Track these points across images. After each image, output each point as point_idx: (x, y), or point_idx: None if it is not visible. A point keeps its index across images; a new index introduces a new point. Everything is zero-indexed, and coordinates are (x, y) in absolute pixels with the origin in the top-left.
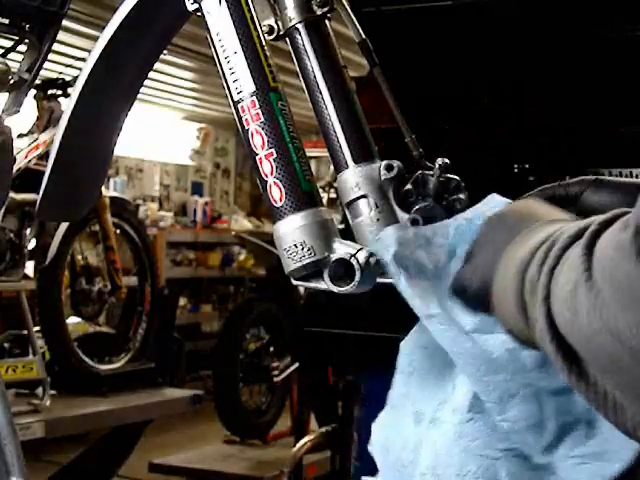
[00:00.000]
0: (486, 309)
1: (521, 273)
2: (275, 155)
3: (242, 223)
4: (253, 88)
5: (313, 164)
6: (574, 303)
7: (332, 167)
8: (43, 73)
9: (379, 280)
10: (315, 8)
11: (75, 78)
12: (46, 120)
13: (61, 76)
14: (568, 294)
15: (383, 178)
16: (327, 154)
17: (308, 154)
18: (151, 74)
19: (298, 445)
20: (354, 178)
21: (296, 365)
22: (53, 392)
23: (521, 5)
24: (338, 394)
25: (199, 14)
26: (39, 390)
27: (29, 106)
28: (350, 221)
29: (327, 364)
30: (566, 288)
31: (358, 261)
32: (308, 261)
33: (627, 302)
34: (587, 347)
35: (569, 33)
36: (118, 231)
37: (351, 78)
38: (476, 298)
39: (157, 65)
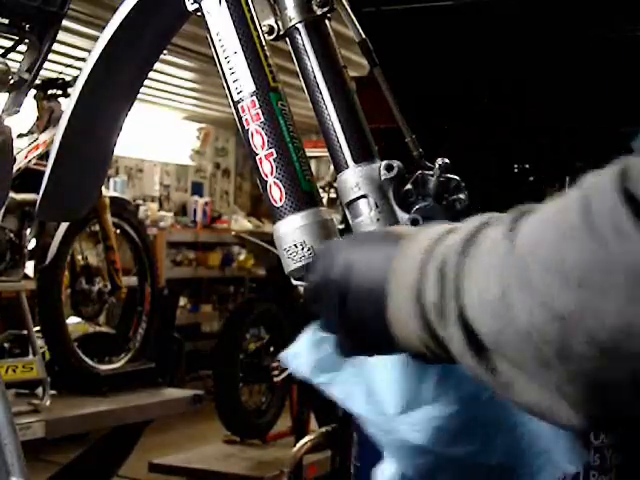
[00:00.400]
0: (382, 335)
1: (416, 294)
2: (275, 155)
3: (242, 223)
4: (253, 88)
5: (313, 164)
6: (505, 306)
7: (332, 167)
8: (43, 73)
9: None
10: (315, 8)
11: (75, 78)
12: (46, 120)
13: (61, 76)
14: (495, 299)
15: (383, 178)
16: (327, 154)
17: (308, 154)
18: (151, 74)
19: (298, 445)
20: (354, 178)
21: None
22: (53, 392)
23: (521, 5)
24: None
25: (199, 14)
26: (39, 390)
27: (29, 106)
28: (350, 221)
29: None
30: (488, 295)
31: None
32: (308, 261)
33: (579, 282)
34: (525, 345)
35: (569, 33)
36: (118, 231)
37: (351, 78)
38: (363, 327)
39: (157, 65)
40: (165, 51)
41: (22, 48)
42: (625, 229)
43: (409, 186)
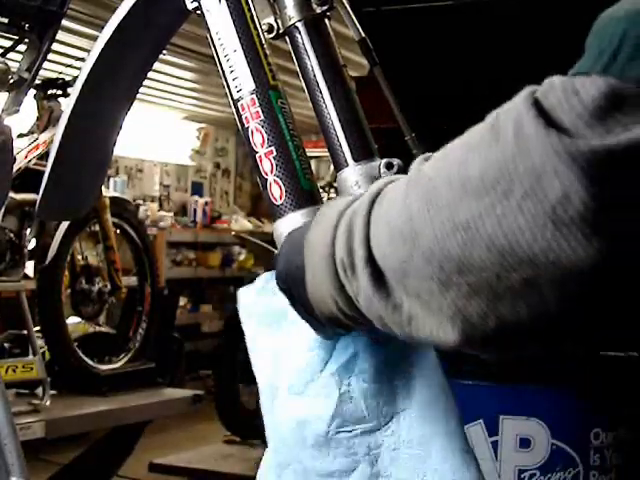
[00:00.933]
0: (304, 302)
1: (328, 255)
2: (275, 153)
3: (242, 223)
4: (253, 86)
5: (313, 164)
6: (411, 228)
7: (332, 167)
8: (43, 73)
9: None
10: (315, 6)
11: (75, 78)
12: (46, 120)
13: (61, 76)
14: (402, 225)
15: (383, 176)
16: (327, 154)
17: (308, 154)
18: (151, 74)
19: None
20: (354, 176)
21: None
22: (53, 392)
23: (521, 5)
24: None
25: (198, 12)
26: (39, 390)
27: (29, 106)
28: None
29: None
30: (395, 224)
31: None
32: None
33: (481, 189)
34: (428, 267)
35: (569, 33)
36: (118, 231)
37: (351, 77)
38: (298, 298)
39: (157, 65)
40: (165, 51)
41: (22, 48)
42: (526, 131)
43: None
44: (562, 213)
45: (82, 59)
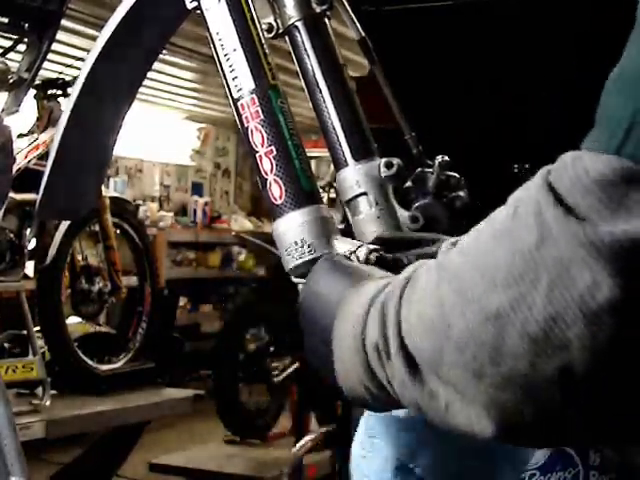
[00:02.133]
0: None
1: (360, 345)
2: (275, 152)
3: (242, 223)
4: (252, 86)
5: (313, 164)
6: (443, 318)
7: (332, 167)
8: (43, 73)
9: None
10: (314, 6)
11: (75, 78)
12: (46, 120)
13: (61, 76)
14: (433, 315)
15: (383, 175)
16: (327, 154)
17: (308, 154)
18: (151, 74)
19: (298, 445)
20: (354, 176)
21: (296, 365)
22: (53, 392)
23: (521, 5)
24: (338, 394)
25: (198, 12)
26: (39, 390)
27: (29, 106)
28: (350, 219)
29: None
30: (426, 313)
31: (358, 258)
32: (308, 258)
33: (508, 278)
34: (460, 357)
35: (569, 33)
36: (118, 231)
37: (351, 77)
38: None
39: (157, 65)
40: (165, 51)
41: (21, 47)
42: (547, 221)
43: (409, 183)
44: (590, 301)
45: (82, 59)
